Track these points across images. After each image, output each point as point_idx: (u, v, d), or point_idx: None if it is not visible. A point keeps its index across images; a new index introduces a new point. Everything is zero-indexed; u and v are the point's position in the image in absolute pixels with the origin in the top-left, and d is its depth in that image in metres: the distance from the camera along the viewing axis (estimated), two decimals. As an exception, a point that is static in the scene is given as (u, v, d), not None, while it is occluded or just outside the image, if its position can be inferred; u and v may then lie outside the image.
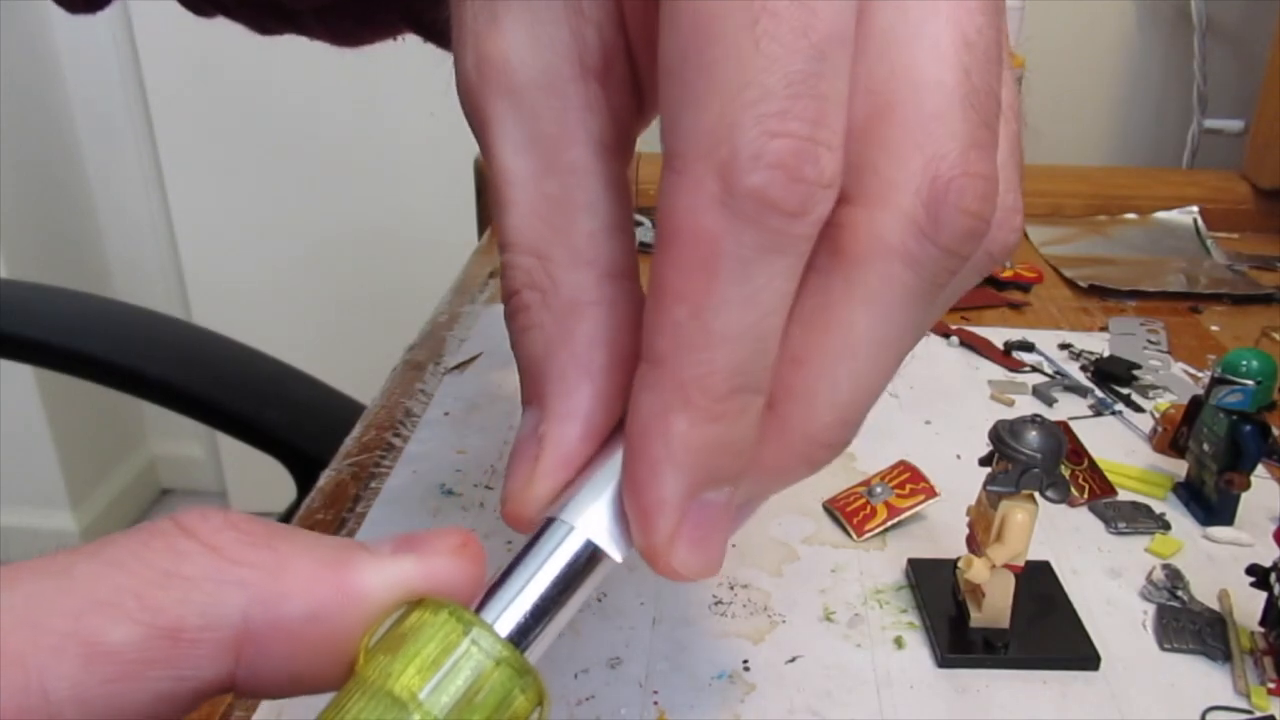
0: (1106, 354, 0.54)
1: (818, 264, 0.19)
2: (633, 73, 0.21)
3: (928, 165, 0.18)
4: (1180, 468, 0.42)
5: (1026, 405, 0.49)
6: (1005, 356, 0.54)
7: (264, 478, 0.81)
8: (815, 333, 0.19)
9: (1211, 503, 0.40)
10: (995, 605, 0.33)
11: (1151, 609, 0.36)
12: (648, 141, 0.22)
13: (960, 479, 0.38)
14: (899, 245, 0.19)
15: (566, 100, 0.20)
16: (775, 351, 0.19)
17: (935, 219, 0.18)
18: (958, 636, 0.33)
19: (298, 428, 0.65)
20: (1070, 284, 0.65)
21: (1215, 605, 0.35)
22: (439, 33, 0.36)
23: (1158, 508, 0.41)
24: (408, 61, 0.25)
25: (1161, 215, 0.76)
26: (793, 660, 0.33)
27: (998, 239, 0.20)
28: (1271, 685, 0.32)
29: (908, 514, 0.39)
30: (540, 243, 0.21)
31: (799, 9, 0.17)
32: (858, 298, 0.19)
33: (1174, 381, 0.52)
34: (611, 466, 0.20)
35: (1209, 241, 0.72)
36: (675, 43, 0.18)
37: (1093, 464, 0.41)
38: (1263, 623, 0.33)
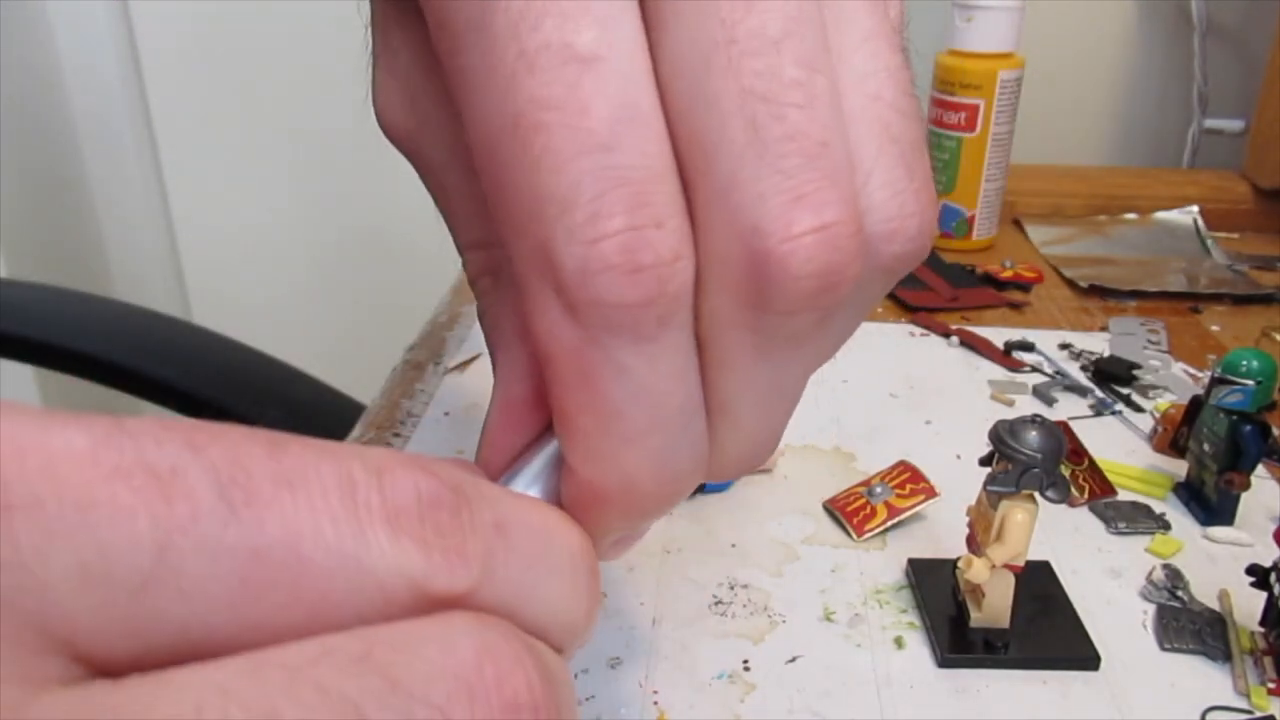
0: (1106, 354, 0.54)
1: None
2: None
3: (739, 238, 0.17)
4: (1180, 468, 0.42)
5: (1026, 405, 0.49)
6: (1005, 356, 0.54)
7: (264, 478, 0.80)
8: (705, 398, 0.20)
9: (1211, 503, 0.40)
10: (995, 605, 0.33)
11: (1151, 609, 0.36)
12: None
13: (960, 479, 0.38)
14: (734, 318, 0.18)
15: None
16: (699, 424, 0.19)
17: (762, 294, 0.17)
18: (958, 636, 0.33)
19: (298, 428, 0.65)
20: (1070, 284, 0.65)
21: (1215, 605, 0.35)
22: None
23: (1158, 508, 0.41)
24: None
25: (1161, 215, 0.76)
26: (793, 660, 0.33)
27: (888, 251, 0.19)
28: (1271, 685, 0.32)
29: (908, 514, 0.39)
30: (485, 234, 0.22)
31: (565, 113, 0.16)
32: (720, 368, 0.19)
33: (1174, 381, 0.52)
34: None
35: (1209, 241, 0.72)
36: (480, 172, 0.18)
37: (1093, 464, 0.41)
38: (1263, 623, 0.33)
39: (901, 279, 0.20)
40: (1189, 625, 0.34)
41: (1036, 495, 0.32)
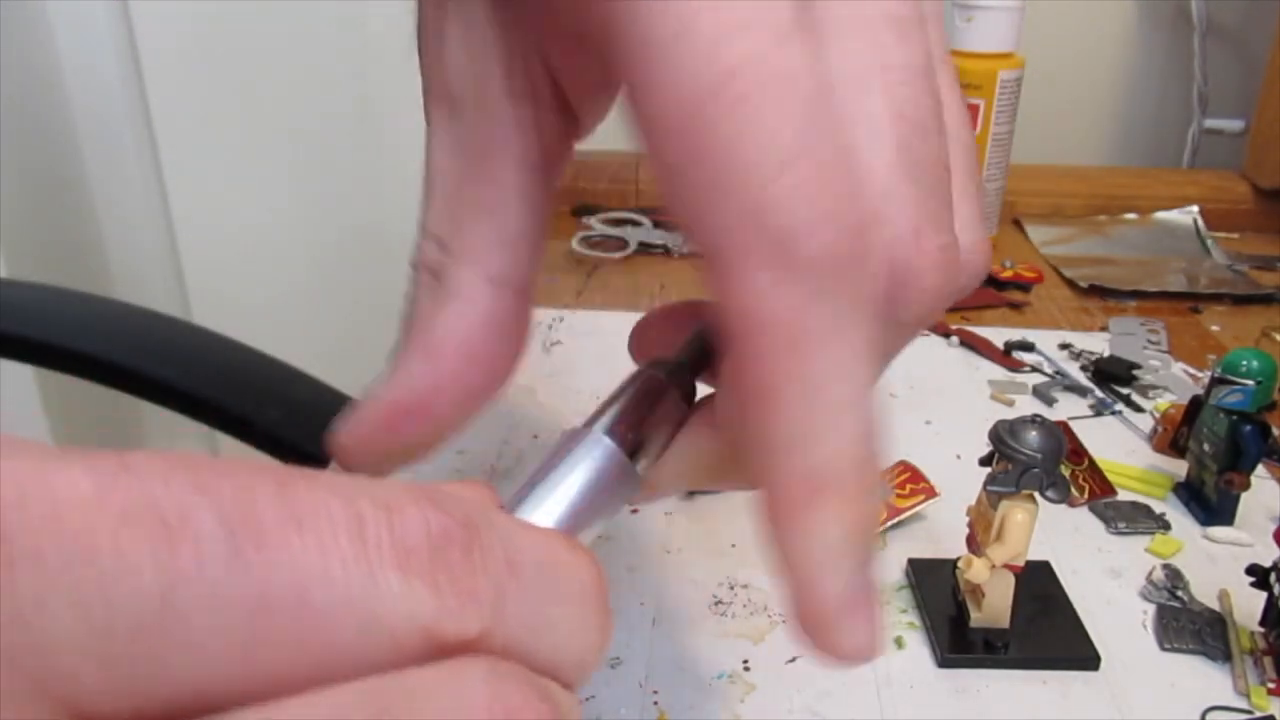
0: (1106, 354, 0.54)
1: None
2: (560, 99, 0.22)
3: (885, 248, 0.18)
4: (1180, 468, 0.42)
5: (1026, 405, 0.49)
6: (1005, 356, 0.54)
7: (264, 478, 0.80)
8: None
9: (1211, 503, 0.40)
10: (995, 605, 0.33)
11: (1151, 609, 0.36)
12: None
13: (960, 479, 0.38)
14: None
15: (495, 117, 0.22)
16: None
17: (895, 302, 0.18)
18: (958, 636, 0.33)
19: (298, 428, 0.65)
20: (1070, 284, 0.65)
21: (1215, 605, 0.35)
22: None
23: (1158, 508, 0.41)
24: (410, 62, 0.25)
25: (1161, 215, 0.76)
26: (793, 660, 0.33)
27: (961, 284, 0.20)
28: (1271, 685, 0.32)
29: (908, 514, 0.39)
30: (446, 234, 0.23)
31: (772, 78, 0.16)
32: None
33: (1174, 381, 0.52)
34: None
35: (1209, 241, 0.72)
36: (659, 144, 0.17)
37: (1093, 464, 0.41)
38: (1263, 623, 0.33)
39: None
40: (1189, 625, 0.34)
41: (1036, 495, 0.32)
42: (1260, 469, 0.40)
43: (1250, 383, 0.38)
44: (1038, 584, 0.36)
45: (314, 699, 0.13)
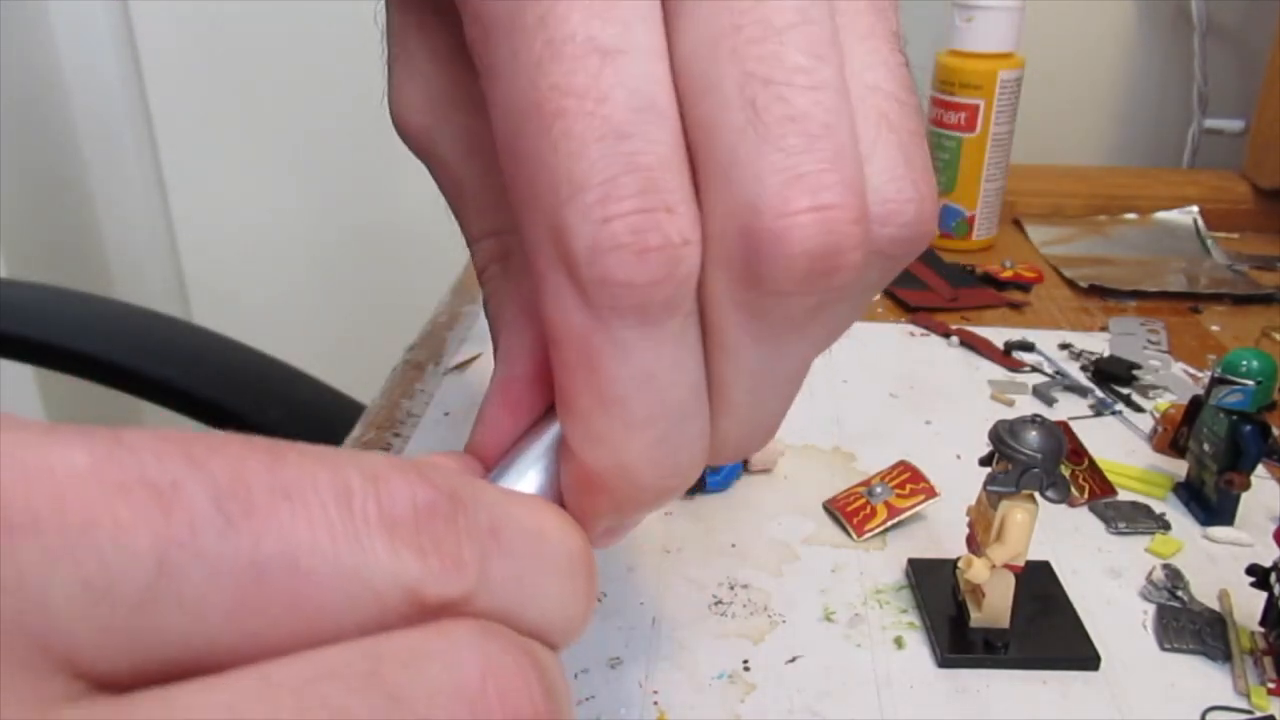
0: (1106, 354, 0.54)
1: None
2: None
3: (735, 216, 0.17)
4: (1180, 468, 0.42)
5: (1026, 405, 0.49)
6: (1005, 356, 0.54)
7: (264, 478, 0.80)
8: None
9: (1211, 503, 0.40)
10: (995, 605, 0.33)
11: (1151, 609, 0.36)
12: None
13: (960, 479, 0.38)
14: (730, 297, 0.18)
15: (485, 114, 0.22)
16: (701, 413, 0.19)
17: (756, 273, 0.18)
18: (958, 636, 0.33)
19: (298, 428, 0.65)
20: (1070, 284, 0.65)
21: (1215, 605, 0.35)
22: None
23: (1158, 508, 0.41)
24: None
25: (1161, 215, 0.76)
26: (793, 660, 0.33)
27: (884, 235, 0.19)
28: (1271, 685, 0.32)
29: (908, 514, 0.39)
30: (498, 222, 0.23)
31: (585, 100, 0.17)
32: (716, 350, 0.19)
33: (1174, 381, 0.52)
34: None
35: (1209, 241, 0.72)
36: (499, 157, 0.18)
37: (1093, 464, 0.41)
38: (1263, 623, 0.33)
39: (900, 272, 0.21)
40: (1189, 625, 0.34)
41: (1036, 495, 0.32)
42: (1260, 469, 0.40)
43: (1250, 383, 0.38)
44: (1038, 584, 0.36)
45: (308, 657, 0.14)
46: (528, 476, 0.21)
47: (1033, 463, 0.31)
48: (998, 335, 0.56)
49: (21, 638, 0.12)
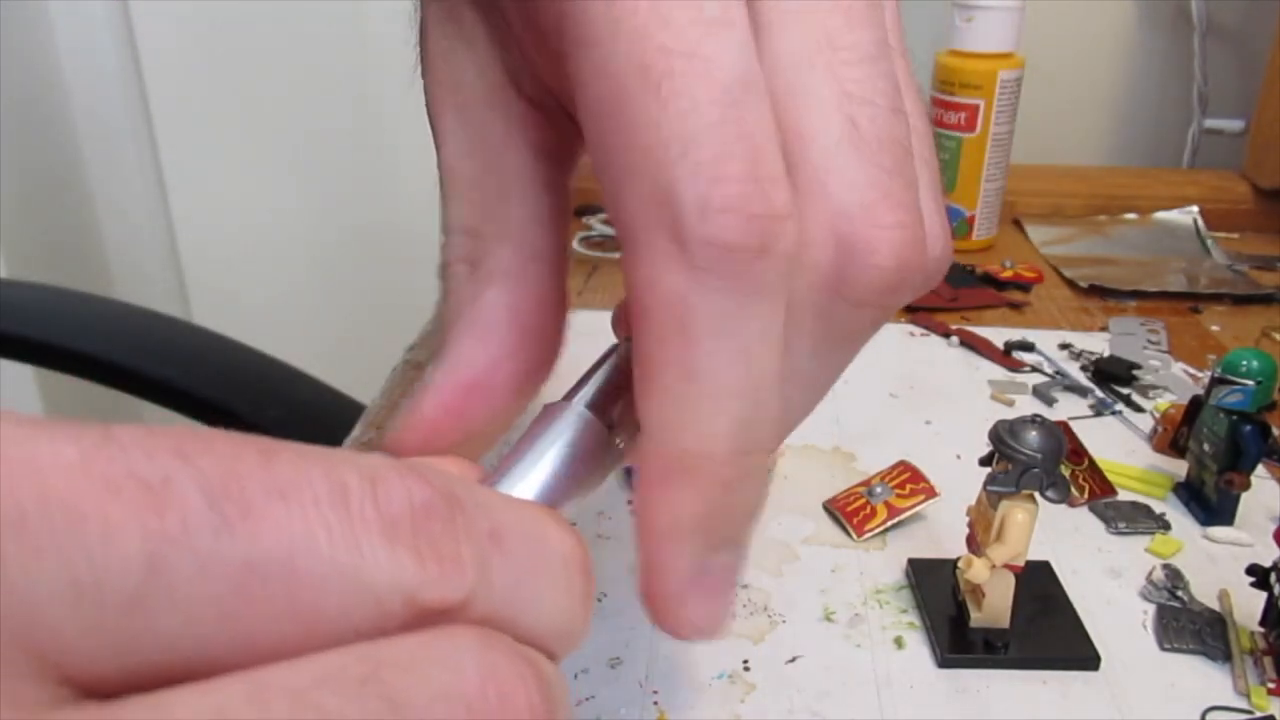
0: (1106, 354, 0.54)
1: None
2: (564, 109, 0.23)
3: (831, 221, 0.18)
4: (1180, 468, 0.42)
5: (1026, 405, 0.49)
6: (1005, 356, 0.54)
7: (264, 478, 0.80)
8: None
9: (1211, 503, 0.40)
10: (995, 605, 0.33)
11: (1151, 609, 0.36)
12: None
13: (960, 479, 0.38)
14: (813, 303, 0.19)
15: (509, 116, 0.22)
16: (777, 404, 0.19)
17: (844, 278, 0.18)
18: (958, 636, 0.33)
19: (298, 428, 0.65)
20: (1070, 284, 0.65)
21: (1215, 605, 0.35)
22: None
23: (1158, 508, 0.41)
24: (410, 63, 0.26)
25: (1161, 215, 0.76)
26: (793, 660, 0.33)
27: (921, 269, 0.20)
28: (1271, 685, 0.32)
29: (908, 514, 0.39)
30: (475, 223, 0.23)
31: (695, 62, 0.17)
32: (789, 346, 0.19)
33: (1174, 381, 0.52)
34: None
35: (1209, 241, 0.72)
36: (591, 125, 0.18)
37: (1093, 464, 0.41)
38: (1263, 623, 0.33)
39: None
40: (1189, 625, 0.34)
41: (1036, 495, 0.32)
42: (1260, 469, 0.40)
43: (1250, 383, 0.38)
44: (1038, 584, 0.36)
45: (303, 662, 0.13)
46: (526, 480, 0.20)
47: (1033, 463, 0.31)
48: (998, 335, 0.56)
49: (6, 637, 0.12)
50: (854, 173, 0.18)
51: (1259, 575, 0.33)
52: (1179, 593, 0.36)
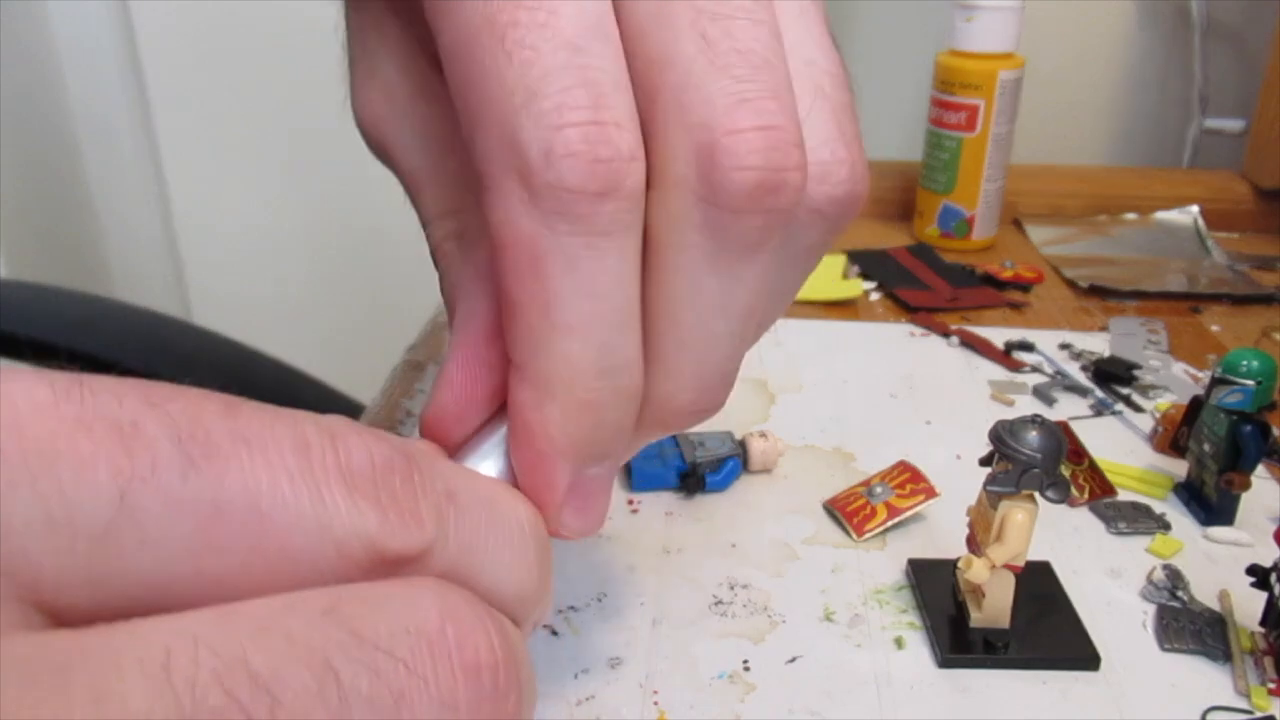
0: (1106, 354, 0.54)
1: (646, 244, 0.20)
2: None
3: (689, 132, 0.19)
4: (1180, 468, 0.42)
5: (1026, 405, 0.49)
6: (1005, 356, 0.54)
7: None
8: (652, 310, 0.21)
9: (1212, 503, 0.40)
10: (995, 605, 0.33)
11: (1152, 609, 0.36)
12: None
13: (960, 479, 0.38)
14: (687, 215, 0.19)
15: (442, 100, 0.23)
16: (636, 328, 0.20)
17: (709, 182, 0.19)
18: (958, 636, 0.33)
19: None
20: (1070, 284, 0.65)
21: (1215, 605, 0.35)
22: None
23: (1158, 508, 0.41)
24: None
25: (1161, 215, 0.76)
26: (793, 660, 0.33)
27: (820, 192, 0.20)
28: (1272, 685, 0.32)
29: (908, 514, 0.39)
30: (452, 202, 0.24)
31: (539, 13, 0.18)
32: (673, 272, 0.20)
33: (1174, 381, 0.52)
34: None
35: (1209, 241, 0.72)
36: (451, 77, 0.19)
37: (1093, 464, 0.41)
38: (1263, 623, 0.33)
39: (838, 236, 0.22)
40: (1189, 625, 0.34)
41: (1036, 495, 0.32)
42: (1260, 469, 0.40)
43: (1250, 383, 0.38)
44: (1038, 584, 0.35)
45: (272, 600, 0.14)
46: (486, 463, 0.21)
47: (1033, 463, 0.31)
48: (998, 335, 0.56)
49: None
50: (709, 85, 0.18)
51: (1259, 575, 0.33)
52: (1179, 593, 0.36)
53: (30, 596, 0.13)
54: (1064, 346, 0.56)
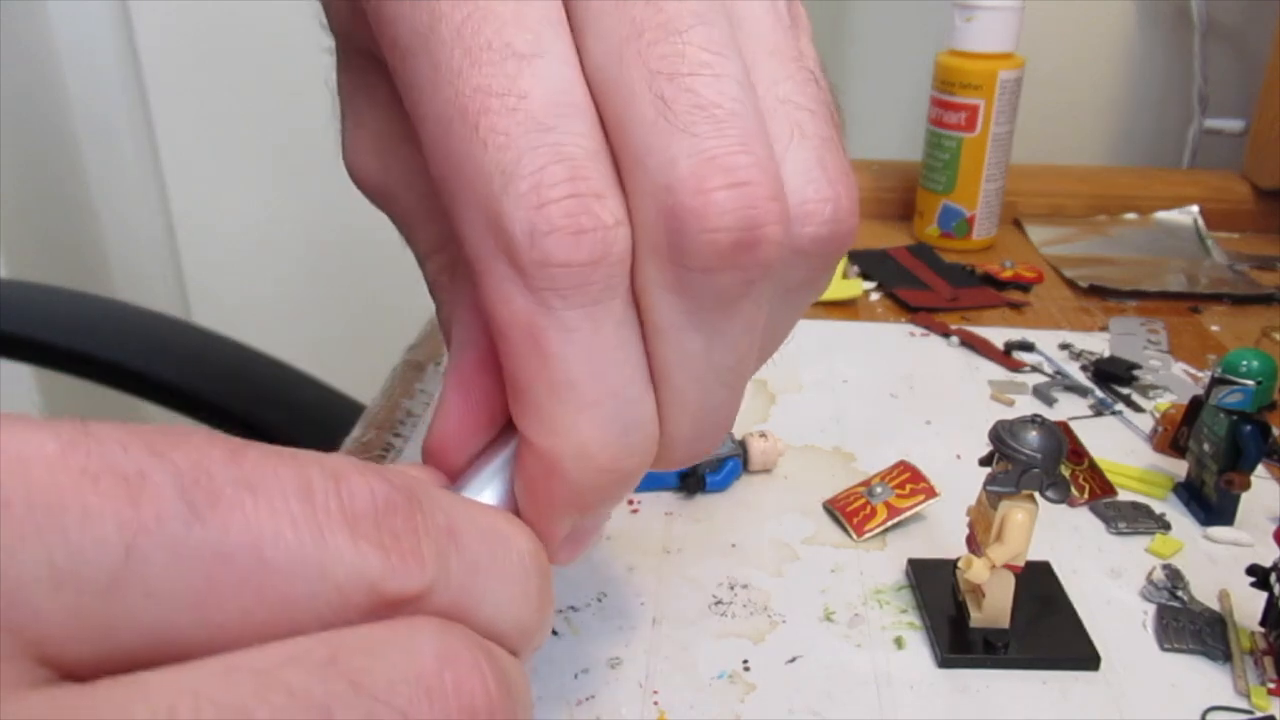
0: (1106, 354, 0.54)
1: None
2: None
3: (655, 198, 0.18)
4: (1180, 468, 0.42)
5: (1026, 405, 0.49)
6: (1005, 356, 0.54)
7: (264, 478, 0.80)
8: (650, 368, 0.21)
9: (1211, 503, 0.40)
10: (995, 605, 0.33)
11: (1151, 609, 0.36)
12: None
13: (960, 479, 0.38)
14: (660, 278, 0.19)
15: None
16: (646, 384, 0.20)
17: (679, 248, 0.18)
18: (958, 636, 0.33)
19: (298, 428, 0.65)
20: (1070, 284, 0.65)
21: (1215, 605, 0.35)
22: None
23: (1158, 508, 0.41)
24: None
25: (1161, 215, 0.76)
26: (793, 660, 0.33)
27: (804, 234, 0.20)
28: (1271, 685, 0.32)
29: (908, 514, 0.39)
30: (443, 239, 0.24)
31: (508, 99, 0.18)
32: (655, 333, 0.20)
33: (1174, 381, 0.52)
34: None
35: (1209, 241, 0.72)
36: (432, 165, 0.19)
37: (1093, 464, 0.41)
38: (1263, 623, 0.33)
39: (831, 274, 0.22)
40: (1189, 625, 0.34)
41: (1036, 495, 0.32)
42: (1260, 469, 0.40)
43: (1250, 383, 0.38)
44: (1038, 584, 0.35)
45: (272, 647, 0.14)
46: (487, 490, 0.22)
47: (1033, 463, 0.31)
48: (998, 335, 0.56)
49: None
50: (671, 147, 0.18)
51: (1259, 575, 0.33)
52: (1179, 593, 0.36)
53: (34, 651, 0.13)
54: (1064, 346, 0.56)
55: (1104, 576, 0.37)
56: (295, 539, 0.14)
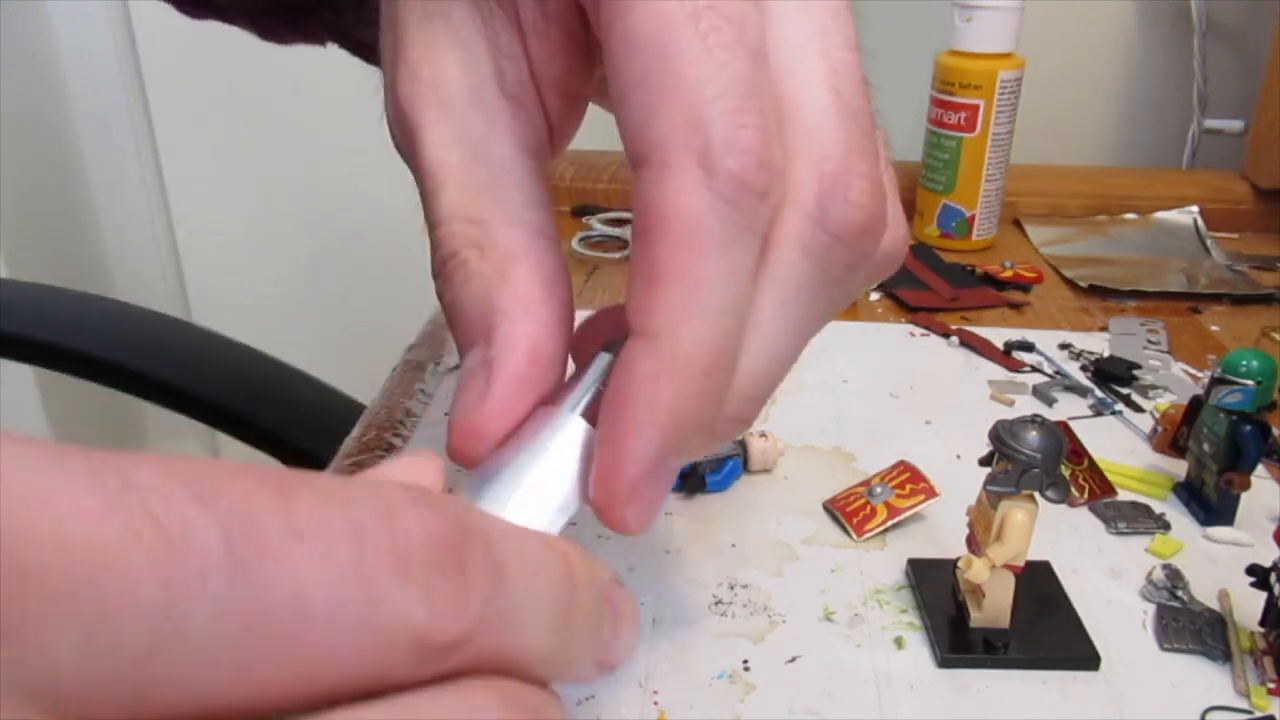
0: (1106, 354, 0.54)
1: None
2: (541, 105, 0.25)
3: (817, 164, 0.21)
4: (1180, 468, 0.42)
5: (1026, 405, 0.49)
6: (1005, 356, 0.54)
7: (264, 478, 0.80)
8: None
9: (1211, 503, 0.40)
10: (995, 605, 0.33)
11: (1151, 609, 0.36)
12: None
13: (960, 479, 0.38)
14: (798, 234, 0.21)
15: (492, 112, 0.24)
16: (743, 324, 0.22)
17: (825, 210, 0.21)
18: (958, 636, 0.33)
19: (298, 428, 0.65)
20: (1070, 284, 0.65)
21: (1215, 605, 0.35)
22: (367, 49, 0.40)
23: (1158, 508, 0.41)
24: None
25: (1161, 215, 0.76)
26: (793, 660, 0.33)
27: (886, 247, 0.23)
28: (1271, 685, 0.32)
29: (908, 514, 0.39)
30: (475, 211, 0.24)
31: (735, 23, 0.20)
32: (769, 283, 0.22)
33: (1174, 381, 0.52)
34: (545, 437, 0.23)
35: (1209, 241, 0.72)
36: (633, 57, 0.20)
37: (1093, 464, 0.41)
38: (1263, 623, 0.33)
39: (856, 295, 0.25)
40: (1189, 625, 0.34)
41: (1036, 495, 0.32)
42: (1260, 469, 0.40)
43: (1250, 383, 0.38)
44: (1038, 584, 0.35)
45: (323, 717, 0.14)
46: (536, 496, 0.21)
47: (1033, 463, 0.31)
48: (998, 335, 0.56)
49: (18, 688, 0.12)
50: (838, 130, 0.22)
51: (1259, 575, 0.33)
52: (1179, 593, 0.36)
53: (64, 717, 0.12)
54: (1064, 346, 0.56)
55: (1104, 576, 0.37)
56: (341, 590, 0.14)
